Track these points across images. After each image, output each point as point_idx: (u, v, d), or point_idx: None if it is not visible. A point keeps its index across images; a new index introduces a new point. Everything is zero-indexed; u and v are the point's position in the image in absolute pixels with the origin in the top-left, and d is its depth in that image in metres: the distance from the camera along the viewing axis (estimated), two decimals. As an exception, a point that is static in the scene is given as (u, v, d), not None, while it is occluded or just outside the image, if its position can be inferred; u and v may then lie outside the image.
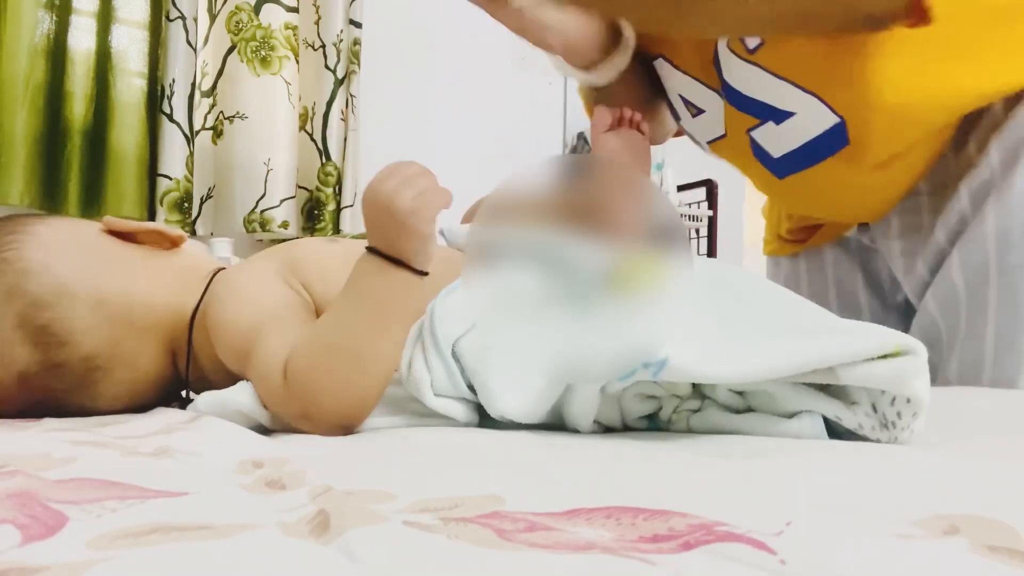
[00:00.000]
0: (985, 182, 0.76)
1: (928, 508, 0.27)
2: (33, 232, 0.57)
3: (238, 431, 0.46)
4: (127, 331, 0.58)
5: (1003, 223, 0.74)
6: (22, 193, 1.49)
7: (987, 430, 0.49)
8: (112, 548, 0.22)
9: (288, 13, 1.80)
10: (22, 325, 0.54)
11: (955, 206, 0.78)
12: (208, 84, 1.78)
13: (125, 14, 1.65)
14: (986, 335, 0.76)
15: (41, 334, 0.55)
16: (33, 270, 0.55)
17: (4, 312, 0.54)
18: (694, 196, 2.38)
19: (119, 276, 0.59)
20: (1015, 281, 0.74)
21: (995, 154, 0.75)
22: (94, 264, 0.58)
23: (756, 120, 0.78)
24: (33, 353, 0.55)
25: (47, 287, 0.55)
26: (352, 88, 1.85)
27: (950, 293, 0.78)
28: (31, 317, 0.54)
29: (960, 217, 0.78)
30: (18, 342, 0.54)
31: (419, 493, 0.29)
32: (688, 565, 0.21)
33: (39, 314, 0.55)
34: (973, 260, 0.76)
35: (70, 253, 0.58)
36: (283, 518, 0.26)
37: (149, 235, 0.62)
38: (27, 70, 1.50)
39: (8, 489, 0.29)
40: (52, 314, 0.55)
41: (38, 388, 0.55)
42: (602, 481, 0.33)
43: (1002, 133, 0.75)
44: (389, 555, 0.22)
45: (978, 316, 0.76)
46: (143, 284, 0.60)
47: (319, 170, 1.83)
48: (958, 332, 0.78)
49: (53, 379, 0.56)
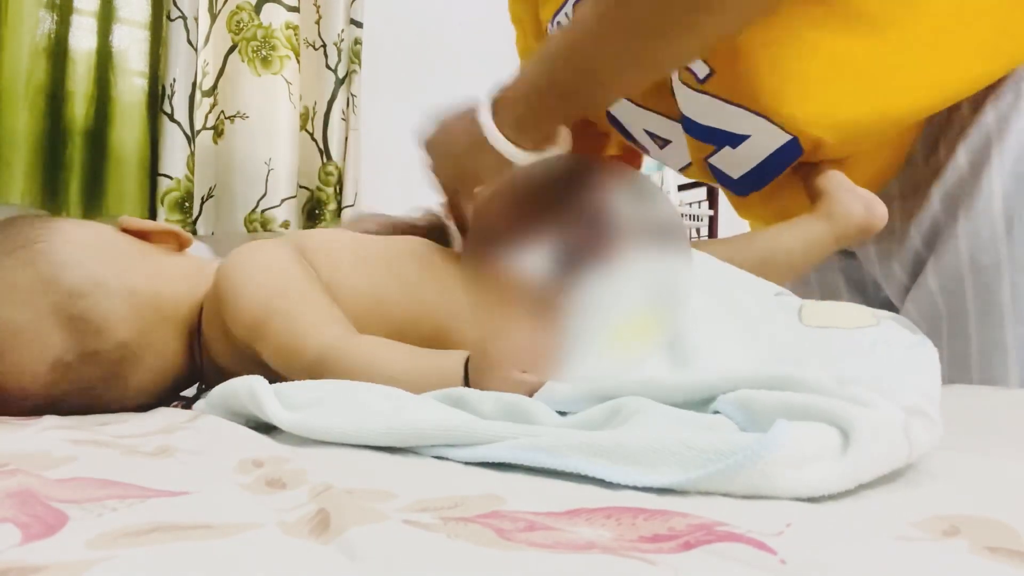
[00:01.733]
0: (955, 185, 0.76)
1: (928, 509, 0.27)
2: (60, 229, 0.59)
3: (238, 431, 0.46)
4: (156, 321, 0.60)
5: (973, 224, 0.75)
6: (23, 192, 1.49)
7: (985, 430, 0.49)
8: (112, 547, 0.22)
9: (289, 13, 1.80)
10: (58, 313, 0.55)
11: (928, 211, 0.78)
12: (209, 84, 1.78)
13: (126, 14, 1.65)
14: (970, 336, 0.76)
15: (77, 322, 0.56)
16: (67, 262, 0.57)
17: (40, 302, 0.55)
18: (694, 196, 2.38)
19: (145, 269, 0.61)
20: (989, 280, 0.74)
21: (963, 156, 0.76)
22: (121, 258, 0.60)
23: (712, 147, 0.79)
24: (68, 341, 0.55)
25: (81, 277, 0.56)
26: (353, 88, 1.85)
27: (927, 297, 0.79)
28: (67, 306, 0.55)
29: (933, 221, 0.78)
30: (54, 331, 0.55)
31: (419, 492, 0.29)
32: (688, 565, 0.21)
33: (75, 303, 0.56)
34: (947, 263, 0.77)
35: (98, 247, 0.60)
36: (283, 517, 0.26)
37: (163, 235, 0.64)
38: (28, 70, 1.50)
39: (8, 488, 0.29)
40: (87, 303, 0.56)
41: (72, 378, 0.56)
42: (602, 481, 0.33)
43: (969, 136, 0.76)
44: (389, 554, 0.22)
45: (958, 317, 0.77)
46: (167, 276, 0.62)
47: (320, 170, 1.83)
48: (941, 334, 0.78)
49: (87, 368, 0.56)
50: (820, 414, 0.32)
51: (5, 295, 0.55)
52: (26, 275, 0.55)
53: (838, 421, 0.31)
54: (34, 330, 0.55)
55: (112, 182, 1.61)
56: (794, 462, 0.29)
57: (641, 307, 0.46)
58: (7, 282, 0.55)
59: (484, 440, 0.37)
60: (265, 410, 0.44)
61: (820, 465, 0.29)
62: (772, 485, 0.28)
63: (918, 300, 0.80)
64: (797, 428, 0.30)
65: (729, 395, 0.37)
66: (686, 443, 0.30)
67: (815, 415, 0.32)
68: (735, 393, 0.37)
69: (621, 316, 0.47)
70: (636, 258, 0.49)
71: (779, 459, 0.28)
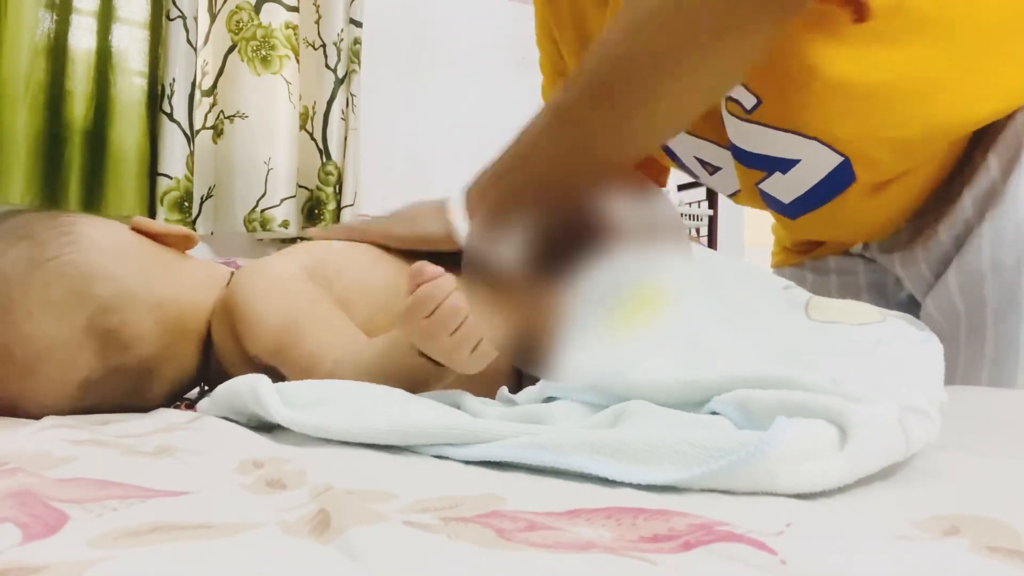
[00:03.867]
0: (987, 190, 0.77)
1: (928, 508, 0.27)
2: (84, 234, 0.57)
3: (238, 431, 0.46)
4: (177, 333, 0.59)
5: (997, 224, 0.75)
6: (22, 192, 1.49)
7: (987, 430, 0.49)
8: (113, 547, 0.22)
9: (288, 12, 1.80)
10: (92, 329, 0.54)
11: (960, 214, 0.79)
12: (208, 83, 1.78)
13: (125, 13, 1.65)
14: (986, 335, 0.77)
15: (108, 338, 0.55)
16: (98, 275, 0.55)
17: (75, 317, 0.54)
18: (694, 196, 2.38)
19: (168, 278, 0.60)
20: (1009, 280, 0.75)
21: (994, 161, 0.76)
22: (146, 268, 0.59)
23: (763, 173, 0.80)
24: (97, 358, 0.55)
25: (113, 291, 0.55)
26: (352, 87, 1.85)
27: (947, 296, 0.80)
28: (100, 322, 0.54)
29: (965, 225, 0.79)
30: (85, 348, 0.54)
31: (419, 492, 0.29)
32: (688, 565, 0.21)
33: (107, 319, 0.55)
34: (969, 262, 0.77)
35: (126, 256, 0.58)
36: (283, 517, 0.26)
37: (176, 238, 0.63)
38: (27, 69, 1.50)
39: (8, 488, 0.29)
40: (119, 318, 0.55)
41: (95, 393, 0.55)
42: (602, 481, 0.33)
43: (1001, 141, 0.76)
44: (389, 554, 0.22)
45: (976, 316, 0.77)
46: (187, 286, 0.61)
47: (319, 169, 1.83)
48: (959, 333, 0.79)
49: (111, 383, 0.56)
50: (817, 411, 0.32)
51: (39, 309, 0.53)
52: (60, 289, 0.54)
53: (835, 418, 0.31)
54: (66, 346, 0.53)
55: (112, 182, 1.61)
56: (795, 458, 0.29)
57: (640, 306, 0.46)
58: (41, 297, 0.53)
59: (486, 439, 0.37)
60: (268, 409, 0.44)
61: (820, 461, 0.30)
62: (774, 481, 0.29)
63: (938, 298, 0.81)
64: (797, 425, 0.30)
65: (725, 395, 0.37)
66: (688, 440, 0.31)
67: (812, 412, 0.32)
68: (732, 393, 0.37)
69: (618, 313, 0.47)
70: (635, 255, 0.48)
71: (780, 455, 0.29)
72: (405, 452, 0.40)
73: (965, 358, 0.78)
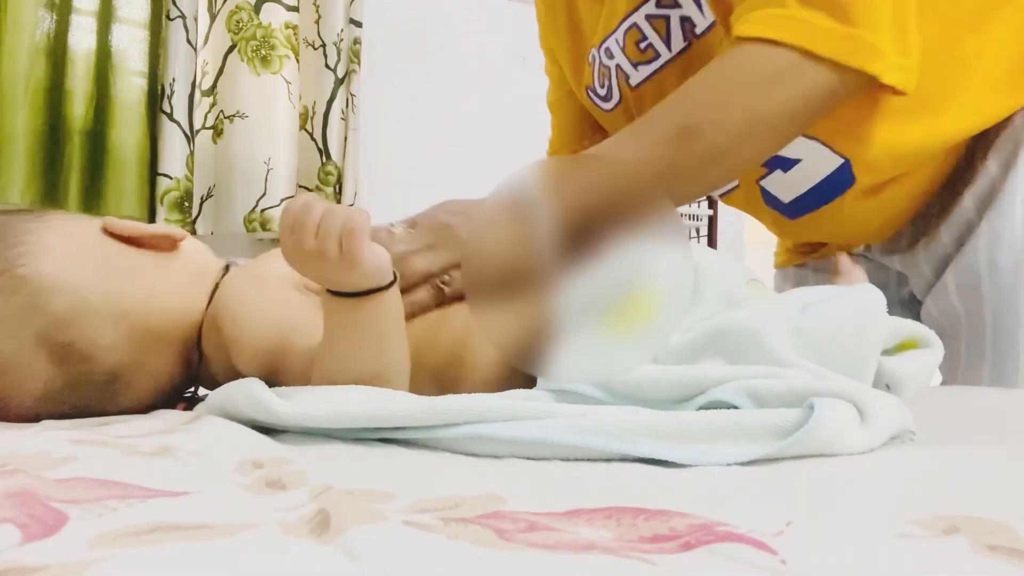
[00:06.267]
0: (986, 191, 0.77)
1: (928, 508, 0.27)
2: (41, 243, 0.55)
3: (238, 431, 0.46)
4: (148, 342, 0.57)
5: (994, 225, 0.76)
6: (22, 192, 1.49)
7: (987, 430, 0.49)
8: (113, 547, 0.22)
9: (288, 12, 1.80)
10: (43, 344, 0.53)
11: (962, 215, 0.80)
12: (208, 83, 1.78)
13: (125, 13, 1.65)
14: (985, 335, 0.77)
15: (64, 352, 0.53)
16: (51, 287, 0.53)
17: (24, 332, 0.53)
18: (694, 196, 2.38)
19: (136, 287, 0.57)
20: (1006, 282, 0.76)
21: (993, 162, 0.77)
22: (110, 276, 0.56)
23: (764, 170, 0.80)
24: (55, 371, 0.54)
25: (67, 304, 0.53)
26: (352, 87, 1.85)
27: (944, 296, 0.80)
28: (53, 336, 0.53)
29: (967, 225, 0.79)
30: (40, 361, 0.53)
31: (419, 493, 0.29)
32: (688, 565, 0.21)
33: (61, 333, 0.53)
34: (966, 261, 0.78)
35: (85, 265, 0.56)
36: (283, 517, 0.26)
37: (154, 239, 0.60)
38: (27, 69, 1.50)
39: (8, 488, 0.29)
40: (75, 332, 0.53)
41: (60, 401, 0.55)
42: (602, 481, 0.33)
43: (999, 142, 0.77)
44: (389, 554, 0.22)
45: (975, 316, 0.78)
46: (160, 293, 0.58)
47: (319, 169, 1.83)
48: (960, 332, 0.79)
49: (74, 395, 0.55)
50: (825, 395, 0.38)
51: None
52: (9, 305, 0.52)
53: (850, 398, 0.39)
54: (18, 361, 0.53)
55: (111, 182, 1.60)
56: (839, 429, 0.37)
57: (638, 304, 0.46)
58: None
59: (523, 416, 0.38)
60: (267, 406, 0.44)
61: (853, 431, 0.37)
62: (830, 447, 0.36)
63: (937, 298, 0.81)
64: (834, 405, 0.37)
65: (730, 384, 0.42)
66: (754, 421, 0.37)
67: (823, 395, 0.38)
68: (739, 382, 0.42)
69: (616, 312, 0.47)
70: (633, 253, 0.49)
71: (832, 427, 0.36)
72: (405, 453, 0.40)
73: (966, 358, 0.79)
